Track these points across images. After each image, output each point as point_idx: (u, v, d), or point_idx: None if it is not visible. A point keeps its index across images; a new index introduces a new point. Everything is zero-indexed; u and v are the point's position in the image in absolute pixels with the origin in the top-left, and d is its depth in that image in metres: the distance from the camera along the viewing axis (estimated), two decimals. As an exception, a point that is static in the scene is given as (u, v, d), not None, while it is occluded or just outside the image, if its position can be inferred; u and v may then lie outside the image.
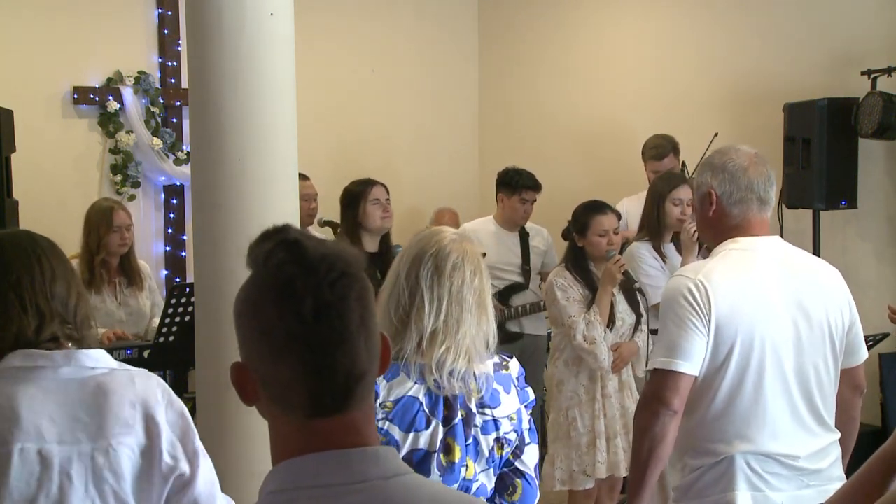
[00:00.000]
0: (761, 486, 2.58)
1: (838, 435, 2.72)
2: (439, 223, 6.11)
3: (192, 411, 4.52)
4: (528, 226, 5.54)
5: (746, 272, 2.62)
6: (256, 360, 1.27)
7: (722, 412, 2.59)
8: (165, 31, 6.43)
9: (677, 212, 4.54)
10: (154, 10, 6.44)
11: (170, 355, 4.52)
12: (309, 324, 1.21)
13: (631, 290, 4.42)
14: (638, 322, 4.39)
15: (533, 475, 2.40)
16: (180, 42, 6.38)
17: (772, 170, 2.73)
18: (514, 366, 2.42)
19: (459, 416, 2.26)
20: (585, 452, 4.26)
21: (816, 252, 5.05)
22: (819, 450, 2.65)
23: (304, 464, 1.24)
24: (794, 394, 2.61)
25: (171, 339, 4.45)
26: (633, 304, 4.41)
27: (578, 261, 4.38)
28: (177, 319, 4.44)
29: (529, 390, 2.44)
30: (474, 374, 2.23)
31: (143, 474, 1.94)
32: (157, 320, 4.71)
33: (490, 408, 2.28)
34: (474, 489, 2.28)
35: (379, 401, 2.22)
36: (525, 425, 2.38)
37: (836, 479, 2.68)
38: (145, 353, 4.52)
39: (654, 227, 4.61)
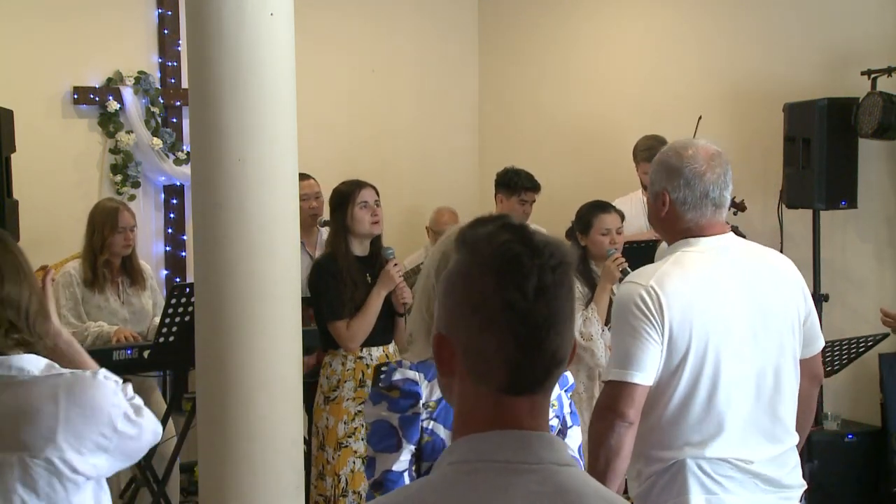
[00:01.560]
0: (715, 489, 2.54)
1: (797, 439, 2.68)
2: (439, 223, 6.11)
3: (192, 411, 4.54)
4: (528, 226, 5.53)
5: (700, 275, 2.57)
6: (463, 330, 1.32)
7: (675, 418, 2.55)
8: (165, 31, 6.43)
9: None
10: (154, 10, 6.44)
11: (170, 355, 4.52)
12: (529, 300, 1.27)
13: None
14: None
15: (578, 457, 2.41)
16: (180, 42, 6.37)
17: (728, 165, 2.66)
18: None
19: None
20: None
21: (816, 252, 5.05)
22: (777, 455, 2.61)
23: (487, 438, 1.30)
24: (751, 398, 2.57)
25: (171, 339, 4.45)
26: None
27: (582, 260, 4.40)
28: (177, 319, 4.44)
29: (568, 374, 2.46)
30: None
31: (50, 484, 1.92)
32: (157, 320, 4.71)
33: None
34: None
35: (422, 401, 2.24)
36: (566, 409, 2.42)
37: (797, 487, 2.66)
38: (145, 353, 4.52)
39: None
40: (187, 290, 4.36)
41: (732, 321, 2.55)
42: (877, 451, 4.91)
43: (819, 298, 5.01)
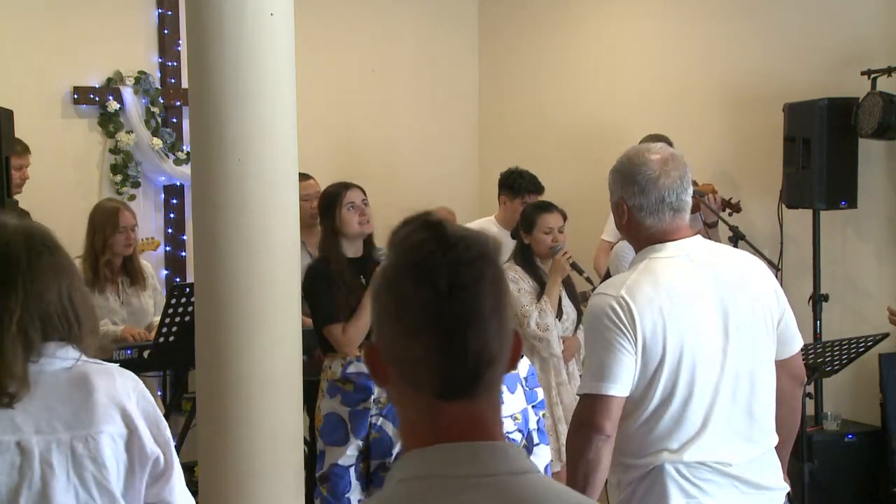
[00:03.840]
0: (695, 493, 2.53)
1: (776, 441, 2.66)
2: (438, 223, 6.10)
3: (192, 411, 4.54)
4: (529, 226, 5.54)
5: (669, 282, 2.54)
6: (389, 337, 1.28)
7: (651, 425, 2.54)
8: (165, 31, 6.43)
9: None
10: (154, 10, 6.44)
11: (170, 355, 4.52)
12: (443, 298, 1.22)
13: (572, 285, 4.67)
14: (580, 318, 4.51)
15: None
16: (180, 42, 6.38)
17: (686, 168, 2.63)
18: (524, 364, 2.42)
19: None
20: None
21: (816, 252, 5.05)
22: (755, 458, 2.60)
23: (434, 452, 1.25)
24: (727, 401, 2.55)
25: (171, 339, 4.45)
26: (574, 300, 4.65)
27: (526, 256, 4.62)
28: (177, 319, 4.44)
29: (539, 391, 2.44)
30: None
31: (123, 462, 1.98)
32: (157, 319, 4.72)
33: None
34: None
35: (373, 396, 2.24)
36: (532, 425, 2.39)
37: (778, 489, 2.65)
38: (145, 353, 4.52)
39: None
40: (187, 290, 4.36)
41: (704, 326, 2.54)
42: (877, 451, 4.91)
43: (819, 298, 5.01)
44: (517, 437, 2.35)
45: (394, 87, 7.19)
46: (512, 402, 2.34)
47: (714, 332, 2.55)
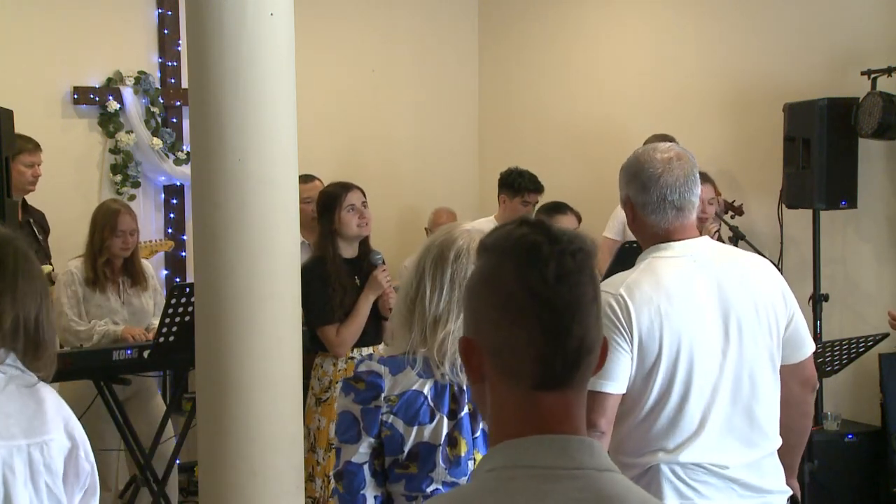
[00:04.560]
0: (690, 494, 2.52)
1: (778, 444, 2.64)
2: (437, 223, 6.11)
3: (192, 411, 4.54)
4: (529, 226, 5.54)
5: (670, 282, 2.54)
6: (490, 330, 1.31)
7: (648, 424, 2.54)
8: (165, 31, 6.43)
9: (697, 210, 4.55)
10: (154, 10, 6.44)
11: (170, 355, 4.52)
12: (551, 285, 1.27)
13: None
14: None
15: None
16: (180, 42, 6.38)
17: (692, 168, 2.62)
18: None
19: (466, 410, 2.31)
20: None
21: (816, 252, 5.05)
22: (753, 461, 2.58)
23: (524, 444, 1.27)
24: (726, 402, 2.54)
25: (171, 339, 4.45)
26: None
27: None
28: (177, 319, 4.44)
29: None
30: None
31: (65, 473, 2.02)
32: (156, 320, 4.71)
33: None
34: None
35: (384, 394, 2.26)
36: None
37: (778, 493, 2.63)
38: (145, 353, 4.52)
39: None
40: (187, 290, 4.36)
41: (704, 326, 2.53)
42: (877, 451, 4.91)
43: (819, 298, 5.01)
44: None
45: (394, 87, 7.19)
46: None
47: (714, 333, 2.54)
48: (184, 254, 6.42)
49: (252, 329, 3.43)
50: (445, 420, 2.28)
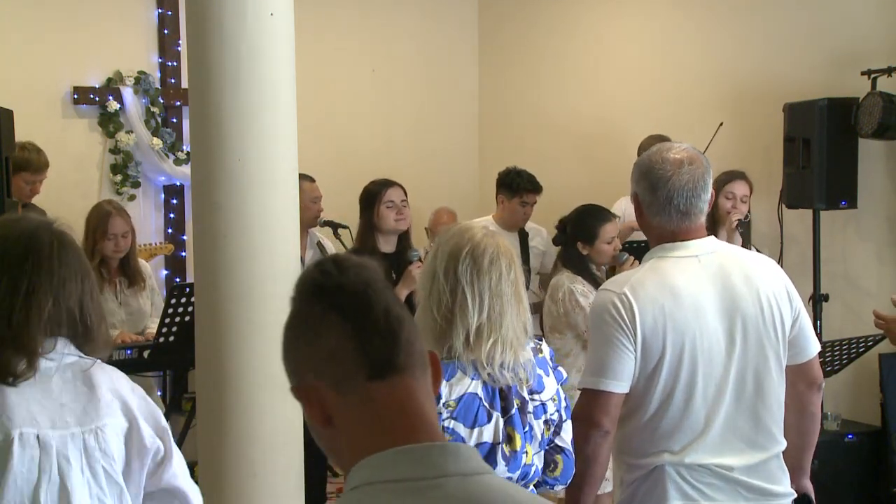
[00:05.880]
0: (695, 495, 2.51)
1: (783, 446, 2.62)
2: (438, 223, 6.11)
3: (192, 411, 4.54)
4: (528, 226, 5.54)
5: (674, 281, 2.53)
6: (307, 360, 1.31)
7: (653, 424, 2.53)
8: (165, 31, 6.43)
9: (728, 205, 4.55)
10: (154, 10, 6.44)
11: (170, 355, 4.52)
12: (335, 276, 1.28)
13: None
14: None
15: (570, 450, 2.49)
16: (180, 42, 6.38)
17: (704, 173, 2.58)
18: (546, 348, 2.53)
19: (515, 406, 2.36)
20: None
21: (816, 252, 5.05)
22: (758, 463, 2.57)
23: (383, 458, 1.23)
24: (731, 403, 2.53)
25: (171, 339, 4.45)
26: None
27: (584, 266, 4.41)
28: (177, 319, 4.44)
29: (562, 369, 2.55)
30: (521, 364, 2.35)
31: (127, 453, 2.04)
32: (155, 320, 4.71)
33: (538, 393, 2.40)
34: (531, 473, 2.40)
35: (442, 401, 2.27)
36: (563, 403, 2.47)
37: (784, 495, 2.61)
38: (145, 353, 4.52)
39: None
40: (187, 290, 4.36)
41: (707, 327, 2.52)
42: (877, 451, 4.91)
43: (819, 298, 5.01)
44: (556, 416, 2.45)
45: (394, 87, 7.19)
46: (550, 385, 2.44)
47: (718, 333, 2.53)
48: (184, 254, 6.42)
49: (252, 329, 3.43)
50: (500, 418, 2.34)
